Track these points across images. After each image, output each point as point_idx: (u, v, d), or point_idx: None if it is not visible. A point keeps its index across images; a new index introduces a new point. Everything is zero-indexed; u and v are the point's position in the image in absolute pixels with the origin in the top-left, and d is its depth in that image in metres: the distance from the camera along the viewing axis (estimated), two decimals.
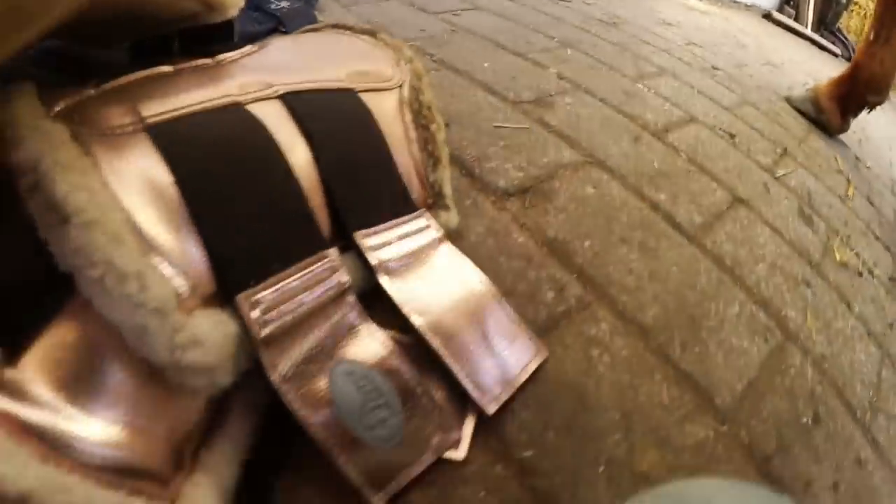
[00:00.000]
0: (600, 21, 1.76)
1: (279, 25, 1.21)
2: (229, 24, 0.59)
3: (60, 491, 0.28)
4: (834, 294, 0.83)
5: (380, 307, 0.44)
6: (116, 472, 0.31)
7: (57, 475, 0.28)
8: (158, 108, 0.41)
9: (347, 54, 0.62)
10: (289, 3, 1.31)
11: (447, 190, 0.56)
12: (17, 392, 0.31)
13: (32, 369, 0.32)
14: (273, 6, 1.28)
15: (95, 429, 0.31)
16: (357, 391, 0.40)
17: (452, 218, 0.55)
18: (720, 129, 1.16)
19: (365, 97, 0.54)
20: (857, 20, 6.68)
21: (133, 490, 0.31)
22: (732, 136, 1.15)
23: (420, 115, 0.57)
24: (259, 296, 0.38)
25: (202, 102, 0.44)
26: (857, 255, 1.00)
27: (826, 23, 5.82)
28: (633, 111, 1.05)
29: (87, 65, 0.58)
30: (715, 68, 1.72)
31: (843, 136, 1.73)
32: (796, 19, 5.34)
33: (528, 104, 0.93)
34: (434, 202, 0.55)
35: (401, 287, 0.46)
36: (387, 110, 0.55)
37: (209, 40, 0.56)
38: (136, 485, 0.32)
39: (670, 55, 1.63)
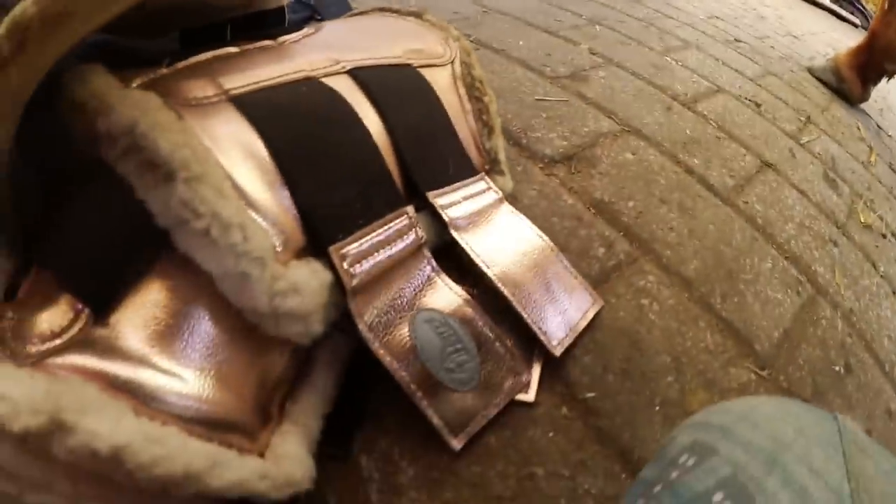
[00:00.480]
0: None
1: (314, 14, 1.24)
2: (281, 9, 0.63)
3: (154, 443, 0.28)
4: (860, 253, 0.86)
5: (448, 265, 0.47)
6: (207, 425, 0.32)
7: (151, 428, 0.29)
8: (238, 82, 0.43)
9: (400, 33, 0.64)
10: None
11: (502, 156, 0.59)
12: (108, 349, 0.32)
13: (123, 326, 0.33)
14: None
15: (187, 383, 0.33)
16: (437, 337, 0.43)
17: (508, 182, 0.58)
18: (746, 98, 1.19)
19: (423, 72, 0.57)
20: None
21: (223, 442, 0.32)
22: (758, 104, 1.18)
23: (473, 87, 0.60)
24: (347, 249, 0.40)
25: (278, 77, 0.46)
26: (881, 217, 1.03)
27: None
28: (663, 83, 1.08)
29: (134, 56, 0.59)
30: (738, 40, 1.73)
31: (864, 106, 1.74)
32: None
33: (564, 79, 0.96)
34: (491, 167, 0.58)
35: (471, 241, 0.49)
36: (443, 84, 0.58)
37: (261, 26, 0.58)
38: (226, 437, 0.33)
39: (694, 28, 1.65)
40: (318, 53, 0.52)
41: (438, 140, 0.53)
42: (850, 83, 1.70)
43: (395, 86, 0.53)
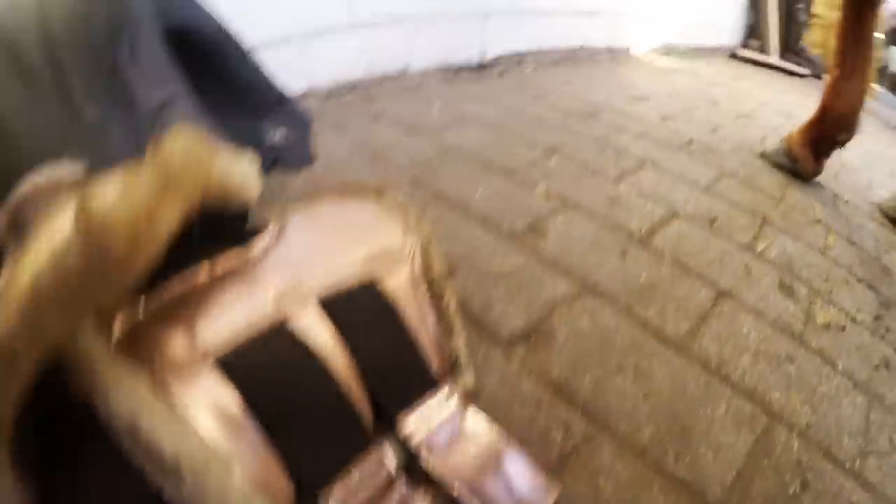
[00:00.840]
0: (579, 114, 1.89)
1: (276, 161, 1.33)
2: (245, 214, 0.70)
3: None
4: (817, 359, 0.91)
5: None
6: None
7: None
8: (217, 338, 0.50)
9: (361, 230, 0.71)
10: (284, 134, 1.42)
11: (462, 355, 0.64)
12: None
13: None
14: (268, 137, 1.39)
15: None
16: None
17: (469, 379, 0.63)
18: (700, 216, 1.26)
19: (384, 284, 0.63)
20: (819, 32, 6.80)
21: None
22: (712, 221, 1.26)
23: (433, 286, 0.66)
24: (333, 493, 0.47)
25: (250, 325, 0.52)
26: (840, 309, 1.08)
27: (790, 44, 5.97)
28: (618, 220, 1.16)
29: None
30: (690, 142, 1.83)
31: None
32: (762, 49, 5.49)
33: (522, 235, 1.04)
34: (452, 367, 0.63)
35: (437, 461, 0.55)
36: (403, 286, 0.64)
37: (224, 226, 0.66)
38: None
39: (649, 138, 1.76)
40: (283, 276, 0.59)
41: (402, 360, 0.59)
42: (803, 162, 1.78)
43: (359, 314, 0.59)
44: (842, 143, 1.78)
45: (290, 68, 1.61)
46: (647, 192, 1.34)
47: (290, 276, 0.60)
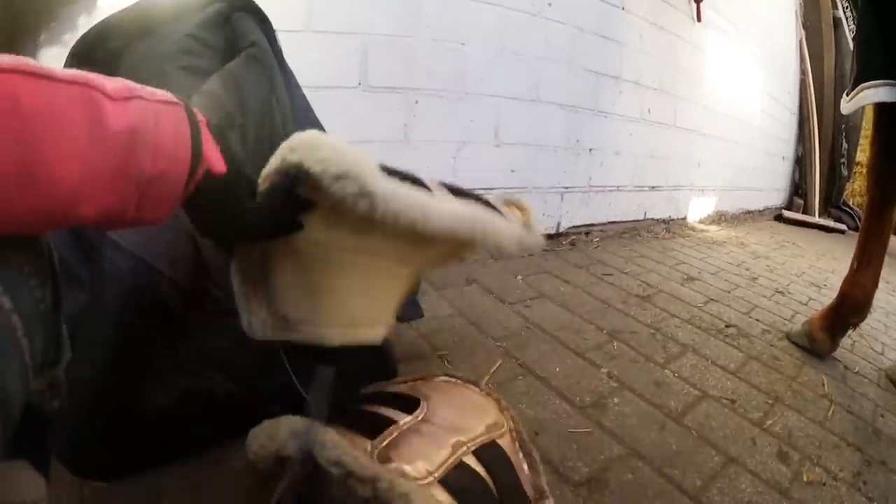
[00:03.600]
0: (637, 297, 2.31)
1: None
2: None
3: None
4: None
5: None
6: None
7: None
8: (432, 464, 0.75)
9: (476, 408, 1.01)
10: None
11: (546, 489, 0.91)
12: None
13: None
14: None
15: None
16: None
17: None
18: (724, 398, 1.61)
19: (500, 442, 0.91)
20: (861, 180, 6.93)
21: None
22: (733, 401, 1.60)
23: (525, 447, 0.97)
24: None
25: (443, 461, 0.77)
26: (825, 469, 1.36)
27: (832, 200, 6.21)
28: (661, 401, 1.52)
29: None
30: (728, 326, 2.21)
31: None
32: (805, 207, 5.75)
33: (589, 408, 1.43)
34: (540, 496, 0.89)
35: None
36: (508, 447, 0.91)
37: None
38: None
39: (692, 325, 2.15)
40: (448, 434, 0.85)
41: (516, 494, 0.86)
42: (820, 343, 2.08)
43: (494, 461, 0.85)
44: (854, 325, 2.09)
45: None
46: (685, 376, 1.70)
47: (450, 433, 0.85)
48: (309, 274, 0.81)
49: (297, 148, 0.67)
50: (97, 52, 0.95)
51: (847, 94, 1.92)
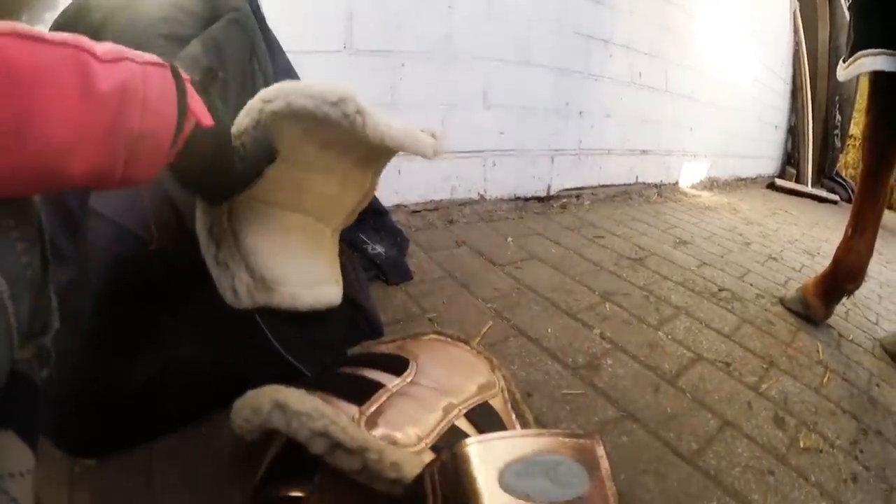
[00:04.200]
0: (629, 259, 2.27)
1: (380, 273, 1.64)
2: None
3: None
4: (794, 474, 1.17)
5: None
6: None
7: None
8: (422, 429, 0.72)
9: (468, 367, 0.99)
10: (383, 250, 1.70)
11: None
12: None
13: None
14: (369, 250, 1.67)
15: None
16: None
17: None
18: (719, 360, 1.58)
19: (492, 403, 0.89)
20: (854, 153, 7.00)
21: None
22: (728, 364, 1.57)
23: (518, 410, 0.96)
24: None
25: (435, 425, 0.74)
26: (821, 436, 1.34)
27: (825, 171, 6.22)
28: (654, 363, 1.48)
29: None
30: (721, 290, 2.17)
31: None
32: (798, 176, 5.75)
33: (582, 369, 1.38)
34: None
35: None
36: (500, 408, 0.90)
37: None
38: None
39: (685, 288, 2.10)
40: (438, 396, 0.82)
41: None
42: (815, 309, 2.06)
43: (487, 424, 0.82)
44: (849, 293, 2.06)
45: (387, 184, 2.06)
46: (679, 338, 1.67)
47: (441, 396, 0.82)
48: (270, 232, 0.94)
49: (275, 98, 0.77)
50: (78, 26, 0.94)
51: (843, 61, 1.89)
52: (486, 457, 0.50)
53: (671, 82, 3.91)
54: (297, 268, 0.98)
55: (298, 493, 0.64)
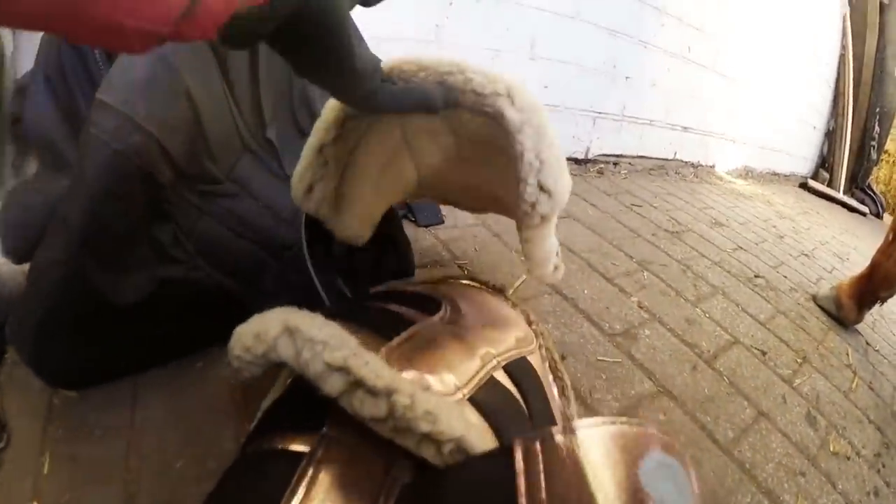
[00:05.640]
0: (666, 232, 2.14)
1: (409, 213, 1.53)
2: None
3: None
4: (823, 478, 1.10)
5: None
6: None
7: None
8: (461, 378, 0.60)
9: (505, 318, 0.85)
10: None
11: (575, 419, 0.82)
12: None
13: None
14: None
15: None
16: None
17: None
18: (755, 347, 1.48)
19: (529, 359, 0.80)
20: (886, 168, 6.85)
21: None
22: (764, 353, 1.47)
23: (555, 369, 0.87)
24: None
25: (477, 373, 0.63)
26: (849, 442, 1.27)
27: (857, 181, 6.05)
28: (692, 339, 1.38)
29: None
30: (756, 276, 2.05)
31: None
32: (830, 181, 5.60)
33: (618, 336, 1.28)
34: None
35: None
36: (537, 365, 0.79)
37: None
38: None
39: (721, 269, 1.98)
40: (477, 343, 0.71)
41: (551, 418, 0.73)
42: (847, 311, 1.97)
43: (524, 378, 0.72)
44: (882, 300, 1.97)
45: None
46: (717, 318, 1.56)
47: (479, 342, 0.71)
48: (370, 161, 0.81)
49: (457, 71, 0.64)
50: None
51: None
52: (615, 446, 0.38)
53: (720, 62, 3.72)
54: (363, 201, 0.86)
55: (300, 447, 0.48)
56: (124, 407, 0.77)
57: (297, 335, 0.49)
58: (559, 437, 0.38)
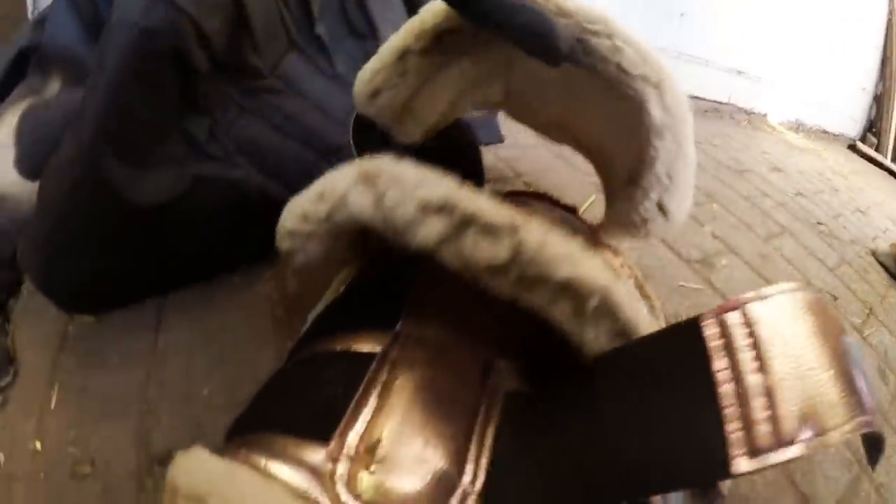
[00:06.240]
0: (729, 169, 2.04)
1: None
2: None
3: None
4: (894, 435, 1.03)
5: None
6: None
7: None
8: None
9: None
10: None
11: None
12: None
13: None
14: None
15: None
16: None
17: None
18: (827, 292, 1.40)
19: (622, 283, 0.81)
20: None
21: None
22: (835, 298, 1.40)
23: (643, 292, 0.81)
24: None
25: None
26: None
27: None
28: (768, 275, 1.30)
29: None
30: (819, 223, 1.95)
31: None
32: (878, 147, 5.41)
33: (696, 263, 1.20)
34: None
35: None
36: (630, 290, 0.80)
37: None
38: None
39: (786, 209, 1.89)
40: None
41: None
42: None
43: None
44: None
45: None
46: (788, 256, 1.48)
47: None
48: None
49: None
50: None
51: None
52: (825, 316, 0.29)
53: (780, 3, 3.53)
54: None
55: (368, 347, 0.36)
56: (147, 330, 0.68)
57: (377, 179, 0.37)
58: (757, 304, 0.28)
